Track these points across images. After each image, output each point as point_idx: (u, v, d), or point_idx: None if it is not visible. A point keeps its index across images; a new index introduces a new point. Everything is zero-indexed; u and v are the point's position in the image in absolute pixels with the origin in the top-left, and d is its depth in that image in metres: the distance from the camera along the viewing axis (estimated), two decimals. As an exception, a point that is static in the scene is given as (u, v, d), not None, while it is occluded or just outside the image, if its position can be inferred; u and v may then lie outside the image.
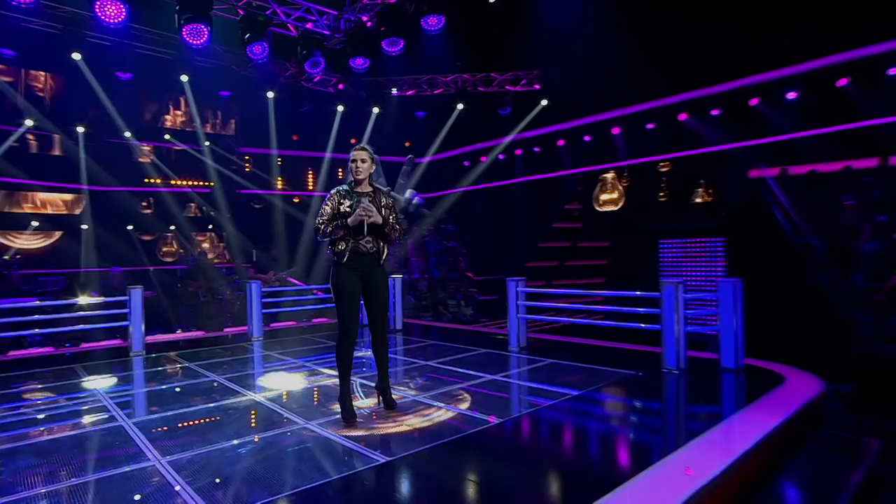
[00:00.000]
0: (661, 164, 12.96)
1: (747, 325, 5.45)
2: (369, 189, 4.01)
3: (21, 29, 9.03)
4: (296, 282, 11.05)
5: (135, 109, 11.89)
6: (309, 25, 9.52)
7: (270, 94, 12.00)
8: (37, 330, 6.69)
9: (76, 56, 9.42)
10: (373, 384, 4.58)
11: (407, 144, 15.04)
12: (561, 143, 14.28)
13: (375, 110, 13.62)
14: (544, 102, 13.32)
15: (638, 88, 11.51)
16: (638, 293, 5.86)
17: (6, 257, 8.95)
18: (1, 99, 10.23)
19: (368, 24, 9.34)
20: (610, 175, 13.70)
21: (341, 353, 4.00)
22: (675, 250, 12.94)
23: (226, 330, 8.56)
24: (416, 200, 16.59)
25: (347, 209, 3.84)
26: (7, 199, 11.13)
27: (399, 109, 14.14)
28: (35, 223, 10.97)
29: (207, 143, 12.46)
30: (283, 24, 9.35)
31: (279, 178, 13.70)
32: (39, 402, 4.93)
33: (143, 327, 6.94)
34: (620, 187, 13.60)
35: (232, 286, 9.95)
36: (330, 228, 3.81)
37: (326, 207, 3.86)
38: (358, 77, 13.00)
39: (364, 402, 4.58)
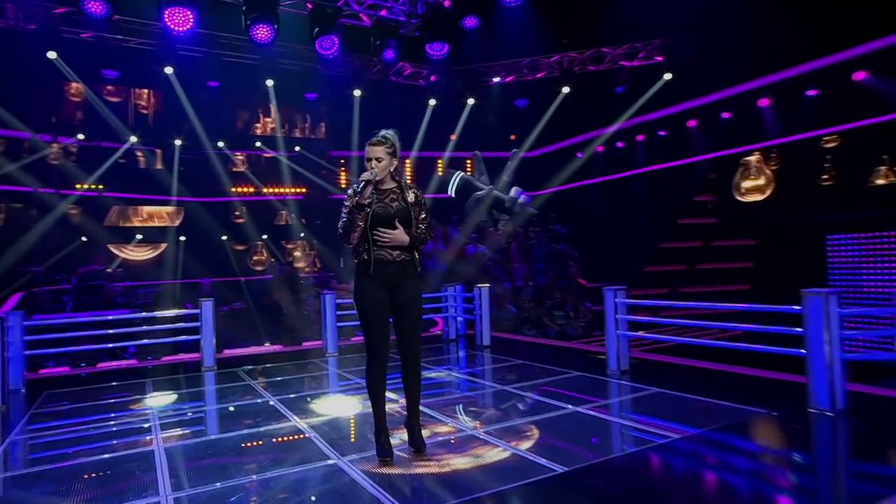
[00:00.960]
0: (826, 138, 11.08)
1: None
2: (392, 185, 3.70)
3: (122, 49, 10.05)
4: None
5: (226, 119, 12.83)
6: (383, 13, 9.47)
7: (357, 93, 12.16)
8: (113, 343, 7.22)
9: (168, 70, 10.26)
10: (442, 413, 4.27)
11: (512, 138, 14.76)
12: (692, 123, 12.98)
13: (470, 102, 13.33)
14: (668, 76, 12.11)
15: (794, 47, 9.93)
16: (769, 307, 4.80)
17: (108, 269, 9.98)
18: (111, 119, 11.50)
19: (446, 3, 9.04)
20: (754, 157, 12.04)
21: (370, 379, 3.70)
22: (849, 248, 10.95)
23: (304, 344, 8.69)
24: (521, 199, 16.15)
25: (368, 210, 3.60)
26: (121, 214, 12.56)
27: (499, 99, 13.74)
28: (139, 236, 12.22)
29: (298, 148, 13.04)
30: (355, 14, 9.40)
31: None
32: (93, 419, 5.22)
33: (213, 341, 7.20)
34: (768, 171, 11.88)
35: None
36: (347, 220, 3.54)
37: (345, 210, 3.61)
38: (451, 66, 12.87)
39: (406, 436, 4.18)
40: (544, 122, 13.47)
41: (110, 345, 7.08)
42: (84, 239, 11.28)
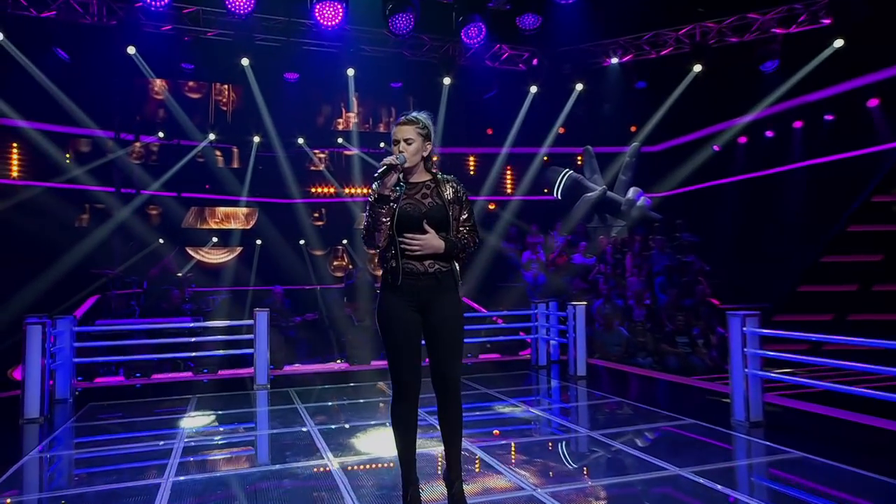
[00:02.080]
0: None
1: None
2: (426, 177, 3.33)
3: (199, 42, 10.59)
4: (473, 304, 10.66)
5: (306, 113, 13.23)
6: (468, -17, 9.12)
7: (447, 81, 11.98)
8: (162, 353, 7.39)
9: (245, 61, 10.66)
10: (503, 462, 3.97)
11: (632, 129, 14.04)
12: (872, 102, 11.31)
13: (579, 87, 12.73)
14: (839, 44, 10.66)
15: None
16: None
17: (179, 274, 10.48)
18: (191, 116, 12.19)
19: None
20: (959, 145, 10.14)
21: (395, 419, 3.35)
22: None
23: (373, 363, 8.47)
24: (640, 201, 15.22)
25: (394, 205, 3.24)
26: (198, 215, 13.29)
27: (614, 83, 12.97)
28: (214, 239, 12.84)
29: (382, 145, 13.05)
30: (436, -14, 9.13)
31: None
32: (122, 437, 5.26)
33: (267, 357, 7.15)
34: (980, 163, 9.92)
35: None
36: (370, 218, 3.23)
37: (368, 205, 3.33)
38: (556, 47, 12.31)
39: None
40: (668, 107, 12.63)
41: (157, 355, 7.26)
42: (161, 241, 12.03)
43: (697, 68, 11.86)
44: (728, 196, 12.66)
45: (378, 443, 4.92)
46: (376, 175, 3.12)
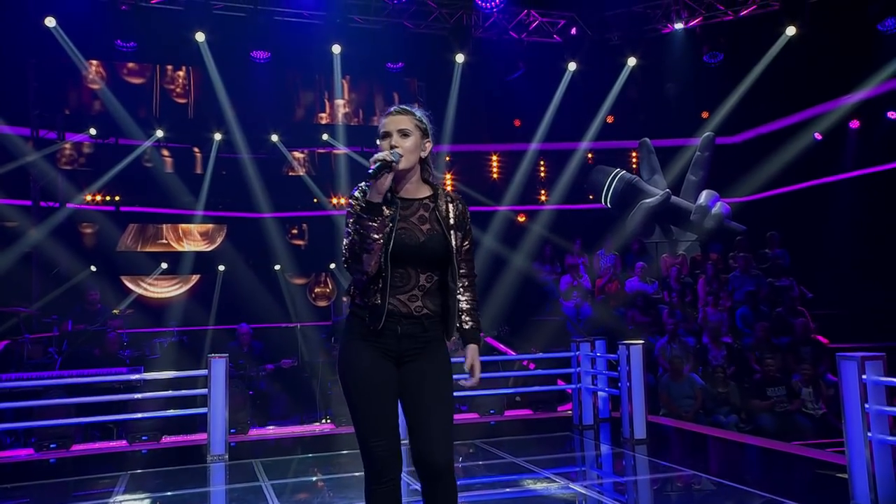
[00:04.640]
0: None
1: None
2: (425, 193, 3.29)
3: (141, 11, 10.76)
4: (499, 345, 10.59)
5: (280, 104, 13.32)
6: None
7: (460, 58, 12.11)
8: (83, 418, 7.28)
9: (199, 37, 10.82)
10: None
11: (703, 115, 14.13)
12: None
13: (631, 62, 12.78)
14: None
15: None
16: None
17: (115, 311, 10.39)
18: (132, 108, 12.25)
19: None
20: None
21: None
22: None
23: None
24: (716, 209, 15.23)
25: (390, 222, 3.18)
26: (140, 234, 13.41)
27: (678, 55, 13.16)
28: (164, 265, 12.86)
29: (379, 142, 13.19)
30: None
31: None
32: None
33: (225, 417, 7.08)
34: None
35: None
36: (357, 235, 3.12)
37: (351, 219, 3.29)
38: (600, 11, 12.32)
39: None
40: (751, 85, 12.65)
41: (80, 419, 7.18)
42: (93, 269, 11.99)
43: (791, 31, 11.91)
44: (835, 199, 12.71)
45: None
46: (369, 173, 2.99)
